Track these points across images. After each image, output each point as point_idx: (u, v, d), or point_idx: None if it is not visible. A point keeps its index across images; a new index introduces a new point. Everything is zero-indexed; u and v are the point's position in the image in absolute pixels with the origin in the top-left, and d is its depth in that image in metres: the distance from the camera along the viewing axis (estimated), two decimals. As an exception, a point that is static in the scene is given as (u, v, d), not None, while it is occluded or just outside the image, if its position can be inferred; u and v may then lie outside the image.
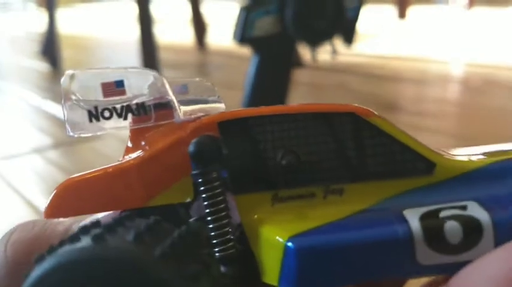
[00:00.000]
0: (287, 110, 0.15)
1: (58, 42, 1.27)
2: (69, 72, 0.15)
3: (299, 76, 0.71)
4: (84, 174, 0.14)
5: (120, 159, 0.15)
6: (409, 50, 1.34)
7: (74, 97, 0.14)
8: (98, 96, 0.15)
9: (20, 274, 0.13)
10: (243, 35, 0.63)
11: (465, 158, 0.16)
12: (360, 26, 0.69)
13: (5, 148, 0.76)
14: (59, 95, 0.15)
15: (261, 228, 0.14)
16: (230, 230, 0.14)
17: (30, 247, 0.15)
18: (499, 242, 0.13)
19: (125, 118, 0.15)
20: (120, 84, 0.15)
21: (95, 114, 0.14)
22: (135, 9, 1.04)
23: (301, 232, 0.13)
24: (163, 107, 0.15)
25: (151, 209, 0.14)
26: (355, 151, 0.15)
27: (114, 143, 0.74)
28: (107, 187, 0.14)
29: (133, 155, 0.15)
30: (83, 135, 0.15)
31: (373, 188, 0.15)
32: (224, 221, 0.14)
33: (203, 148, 0.14)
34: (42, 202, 0.55)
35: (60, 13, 1.32)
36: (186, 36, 1.59)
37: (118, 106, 0.15)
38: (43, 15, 1.30)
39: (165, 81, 0.15)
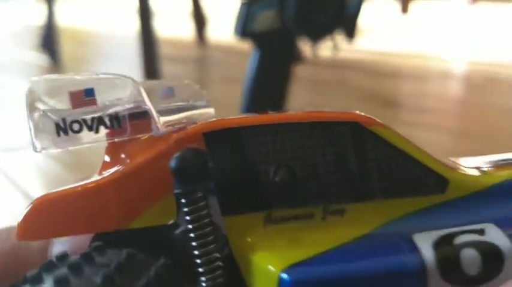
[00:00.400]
0: (280, 119, 0.13)
1: (57, 36, 1.26)
2: (35, 78, 0.13)
3: (300, 71, 0.70)
4: (59, 191, 0.13)
5: (96, 175, 0.13)
6: (410, 46, 1.33)
7: (41, 107, 0.13)
8: (67, 105, 0.13)
9: None
10: (244, 30, 0.63)
11: (480, 173, 0.14)
12: (362, 21, 0.68)
13: (5, 141, 0.75)
14: None
15: (253, 255, 0.13)
16: (218, 256, 0.13)
17: (8, 260, 0.14)
18: None
19: (97, 131, 0.13)
20: (90, 93, 0.13)
21: (63, 128, 0.13)
22: (135, 3, 1.03)
23: (298, 261, 0.12)
24: (140, 117, 0.13)
25: (128, 233, 0.13)
26: (357, 165, 0.13)
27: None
28: (82, 206, 0.13)
29: (111, 170, 0.13)
30: (50, 151, 0.13)
31: (378, 208, 0.13)
32: (211, 247, 0.12)
33: (187, 164, 0.12)
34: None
35: (60, 6, 1.31)
36: (186, 31, 1.58)
37: (88, 118, 0.13)
38: (42, 8, 1.30)
39: (141, 88, 0.13)
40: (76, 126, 0.13)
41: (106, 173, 0.13)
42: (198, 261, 0.12)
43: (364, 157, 0.13)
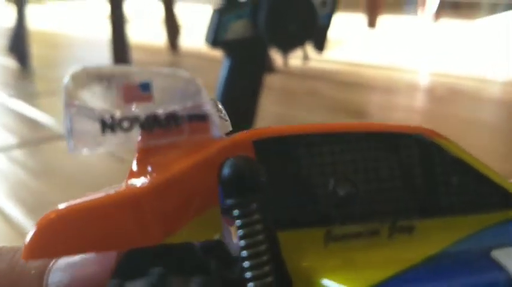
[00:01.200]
0: (338, 128, 0.12)
1: (27, 39, 1.24)
2: (76, 69, 0.11)
3: (270, 81, 0.71)
4: (75, 204, 0.11)
5: (118, 186, 0.12)
6: (378, 59, 1.37)
7: (80, 102, 0.11)
8: (114, 101, 0.11)
9: None
10: (216, 38, 0.63)
11: None
12: (331, 33, 0.70)
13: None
14: (26, 93, 0.13)
15: (316, 278, 0.11)
16: (272, 279, 0.11)
17: None
18: None
19: (150, 131, 0.11)
20: (146, 87, 0.11)
21: (110, 125, 0.11)
22: (107, 8, 1.02)
23: (370, 285, 0.11)
24: (199, 119, 0.11)
25: (149, 250, 0.11)
26: (424, 179, 0.12)
27: (82, 143, 0.73)
28: (110, 220, 0.11)
29: (142, 179, 0.11)
30: (88, 152, 0.11)
31: (448, 225, 0.12)
32: (266, 268, 0.11)
33: (241, 173, 0.11)
34: (5, 202, 0.54)
35: (30, 9, 1.29)
36: (159, 37, 1.58)
37: (142, 115, 0.11)
38: (12, 10, 1.27)
39: (202, 87, 0.12)
40: (126, 124, 0.11)
41: (138, 182, 0.11)
42: (252, 284, 0.11)
43: (430, 171, 0.12)
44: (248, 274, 0.11)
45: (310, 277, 0.11)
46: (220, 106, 0.13)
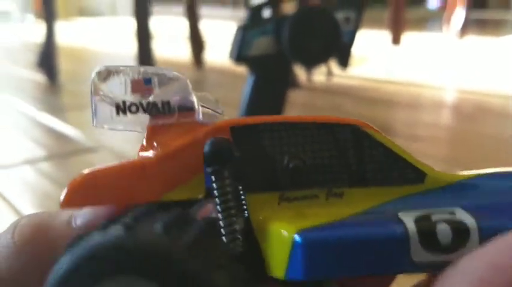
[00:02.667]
0: (295, 119, 0.16)
1: (56, 54, 1.28)
2: (99, 68, 0.16)
3: (294, 96, 0.72)
4: (101, 167, 0.15)
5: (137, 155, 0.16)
6: (402, 75, 1.36)
7: (102, 92, 0.16)
8: (126, 91, 0.16)
9: (25, 255, 0.15)
10: (240, 54, 0.64)
11: (452, 172, 0.17)
12: (355, 49, 0.70)
13: (-3, 158, 0.75)
14: (54, 107, 0.15)
15: (269, 224, 0.15)
16: (237, 227, 0.15)
17: (36, 230, 0.16)
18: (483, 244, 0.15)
19: (151, 113, 0.16)
20: (148, 82, 0.16)
21: (122, 108, 0.16)
22: (133, 24, 1.05)
23: (307, 227, 0.14)
24: (186, 107, 0.16)
25: (165, 204, 0.15)
26: (355, 158, 0.16)
27: (107, 156, 0.74)
28: (125, 179, 0.15)
29: (150, 152, 0.16)
30: (106, 127, 0.16)
31: (370, 193, 0.16)
32: (233, 219, 0.15)
33: (217, 148, 0.15)
34: (32, 212, 0.55)
35: (59, 25, 1.33)
36: (184, 53, 1.60)
37: (144, 102, 0.16)
38: (41, 27, 1.31)
39: (188, 82, 0.16)
40: (133, 108, 0.16)
41: (146, 153, 0.16)
42: (223, 231, 0.15)
43: (360, 152, 0.16)
44: (221, 224, 0.15)
45: (265, 224, 0.15)
46: (215, 100, 0.17)
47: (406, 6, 1.89)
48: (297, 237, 0.14)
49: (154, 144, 0.16)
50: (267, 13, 0.69)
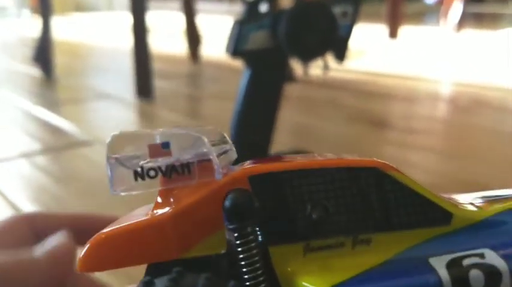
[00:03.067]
0: (313, 164, 0.16)
1: (51, 49, 1.27)
2: (116, 133, 0.15)
3: (290, 90, 0.71)
4: (119, 227, 0.15)
5: (149, 213, 0.15)
6: (399, 68, 1.36)
7: (118, 156, 0.15)
8: (143, 156, 0.15)
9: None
10: (236, 48, 0.64)
11: (476, 208, 0.17)
12: (352, 43, 0.70)
13: (-7, 152, 0.75)
14: (50, 101, 0.15)
15: (297, 278, 0.15)
16: (265, 284, 0.14)
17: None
18: None
19: (170, 177, 0.15)
20: (166, 145, 0.15)
21: (140, 174, 0.15)
22: (130, 19, 1.04)
23: (336, 283, 0.14)
24: (205, 165, 0.15)
25: (180, 262, 0.15)
26: (378, 202, 0.16)
27: (102, 149, 0.74)
28: (142, 239, 0.14)
29: (165, 209, 0.15)
30: (127, 193, 0.15)
31: (398, 238, 0.16)
32: (260, 279, 0.14)
33: (238, 203, 0.14)
34: (27, 206, 0.55)
35: (55, 20, 1.32)
36: (180, 47, 1.60)
37: (163, 166, 0.15)
38: (37, 22, 1.30)
39: (206, 141, 0.15)
40: (152, 173, 0.15)
41: (161, 211, 0.15)
42: None
43: (384, 196, 0.16)
44: (246, 281, 0.14)
45: (292, 279, 0.15)
46: (226, 137, 0.16)
47: (403, 0, 1.88)
48: None
49: (171, 200, 0.15)
50: (263, 7, 0.69)
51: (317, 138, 0.82)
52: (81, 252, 0.14)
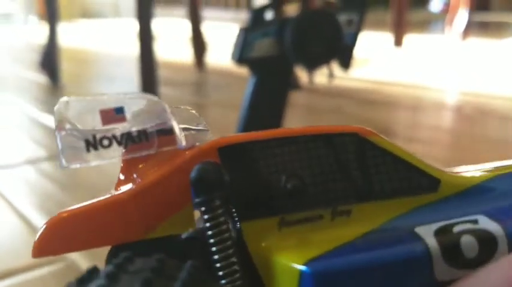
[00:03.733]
0: (287, 133, 0.15)
1: (58, 55, 1.28)
2: (63, 99, 0.14)
3: (295, 98, 0.72)
4: (75, 208, 0.13)
5: (112, 191, 0.14)
6: (404, 77, 1.36)
7: (68, 126, 0.13)
8: (95, 124, 0.13)
9: None
10: (241, 56, 0.64)
11: (467, 174, 0.16)
12: (357, 51, 0.70)
13: (-1, 158, 0.76)
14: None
15: (272, 255, 0.14)
16: (235, 260, 0.13)
17: None
18: None
19: (126, 146, 0.14)
20: (119, 111, 0.14)
21: (92, 143, 0.13)
22: (136, 26, 1.05)
23: (315, 256, 0.13)
24: (165, 133, 0.14)
25: (146, 243, 0.13)
26: (359, 170, 0.15)
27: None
28: (101, 220, 0.13)
29: (128, 186, 0.14)
30: (78, 166, 0.14)
31: (380, 208, 0.15)
32: (229, 251, 0.13)
33: (205, 175, 0.13)
34: (32, 213, 0.55)
35: (61, 27, 1.33)
36: (186, 55, 1.61)
37: (118, 134, 0.14)
38: (44, 28, 1.32)
39: (166, 106, 0.14)
40: (106, 142, 0.14)
41: (124, 188, 0.14)
42: (218, 265, 0.13)
43: (365, 163, 0.15)
44: (216, 258, 0.13)
45: (267, 255, 0.14)
46: (203, 120, 0.15)
47: (408, 8, 1.89)
48: (305, 269, 0.13)
49: (134, 175, 0.14)
50: (269, 15, 0.69)
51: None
52: (36, 235, 0.13)
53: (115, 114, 0.14)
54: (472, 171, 0.16)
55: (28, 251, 0.43)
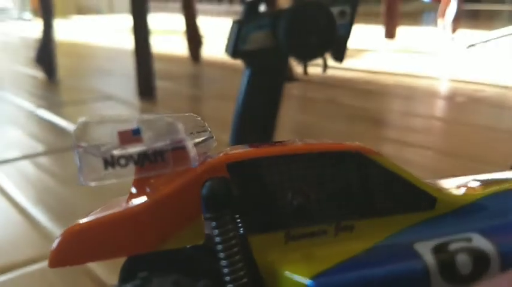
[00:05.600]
0: (294, 150, 0.15)
1: (53, 50, 1.28)
2: (82, 119, 0.14)
3: (290, 90, 0.72)
4: (90, 220, 0.14)
5: (124, 205, 0.15)
6: (397, 67, 1.36)
7: (85, 144, 0.14)
8: (113, 144, 0.14)
9: None
10: (235, 49, 0.65)
11: (461, 192, 0.17)
12: (350, 43, 0.71)
13: (-3, 153, 0.76)
14: (53, 102, 0.15)
15: (279, 268, 0.14)
16: (244, 272, 0.14)
17: None
18: (504, 270, 0.14)
19: (142, 165, 0.14)
20: (137, 132, 0.14)
21: (110, 162, 0.14)
22: (131, 20, 1.05)
23: (320, 271, 0.14)
24: (179, 149, 0.14)
25: (163, 257, 0.14)
26: (361, 188, 0.15)
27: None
28: (116, 232, 0.14)
29: (140, 199, 0.14)
30: (98, 184, 0.14)
31: (381, 224, 0.15)
32: (239, 265, 0.14)
33: (216, 192, 0.14)
34: (31, 207, 0.56)
35: (56, 23, 1.33)
36: (181, 48, 1.61)
37: (135, 154, 0.14)
38: (39, 24, 1.31)
39: (180, 126, 0.14)
40: (123, 161, 0.14)
41: (137, 201, 0.14)
42: (228, 278, 0.14)
43: (366, 181, 0.15)
44: (225, 270, 0.14)
45: (274, 269, 0.14)
46: (206, 125, 0.16)
47: (400, 0, 1.89)
48: (311, 283, 0.13)
49: (147, 190, 0.15)
50: (263, 8, 0.70)
51: (317, 137, 0.83)
52: (53, 245, 0.14)
53: (132, 135, 0.14)
54: (476, 183, 0.17)
55: (27, 244, 0.44)
